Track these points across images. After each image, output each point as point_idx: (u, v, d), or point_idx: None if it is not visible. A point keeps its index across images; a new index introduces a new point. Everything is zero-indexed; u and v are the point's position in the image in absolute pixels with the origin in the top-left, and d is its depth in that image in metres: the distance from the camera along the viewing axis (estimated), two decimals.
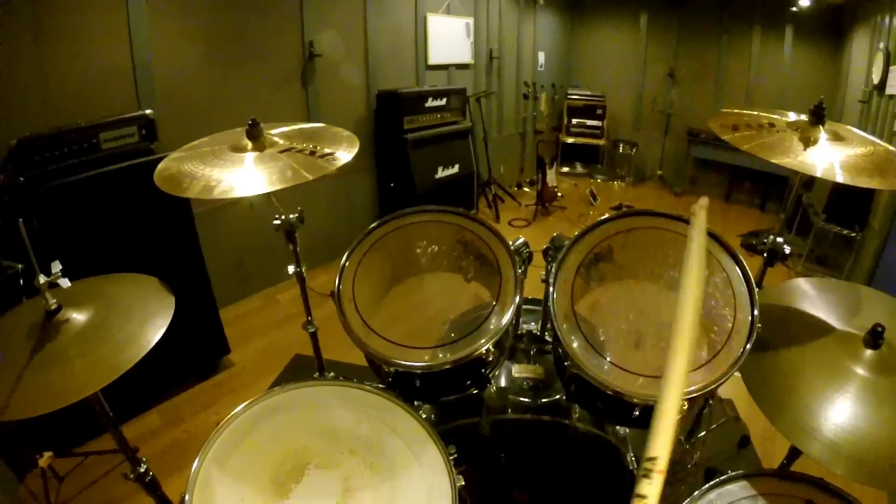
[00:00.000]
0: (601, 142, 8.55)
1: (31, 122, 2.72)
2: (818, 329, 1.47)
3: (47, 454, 2.34)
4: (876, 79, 4.90)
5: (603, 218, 1.59)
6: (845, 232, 4.99)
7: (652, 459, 0.69)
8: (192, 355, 3.28)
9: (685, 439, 2.23)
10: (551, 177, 6.72)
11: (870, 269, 4.58)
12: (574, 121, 8.52)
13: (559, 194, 6.87)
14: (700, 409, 2.19)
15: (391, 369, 1.44)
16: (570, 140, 8.61)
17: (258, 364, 3.55)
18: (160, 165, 1.58)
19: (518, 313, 1.83)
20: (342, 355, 2.80)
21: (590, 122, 8.50)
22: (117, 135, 2.79)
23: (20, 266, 2.18)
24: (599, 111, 8.47)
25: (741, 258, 1.54)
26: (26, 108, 2.84)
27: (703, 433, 2.34)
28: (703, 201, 1.03)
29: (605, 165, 8.80)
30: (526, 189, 7.74)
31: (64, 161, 2.59)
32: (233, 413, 1.28)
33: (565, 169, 8.79)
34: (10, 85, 2.77)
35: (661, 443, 0.71)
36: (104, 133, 2.73)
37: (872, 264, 4.56)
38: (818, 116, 1.61)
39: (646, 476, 0.68)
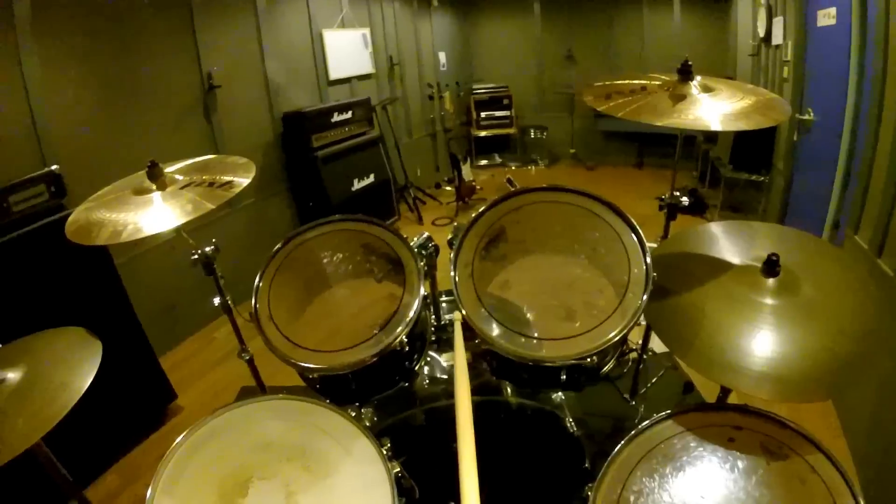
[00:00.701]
0: (511, 130, 8.77)
1: None
2: (718, 267, 1.53)
3: None
4: (762, 32, 5.23)
5: (491, 201, 1.69)
6: (753, 177, 5.31)
7: None
8: (139, 407, 3.23)
9: (630, 396, 2.30)
10: (467, 171, 6.85)
11: (781, 208, 4.89)
12: (483, 114, 8.70)
13: (478, 187, 7.00)
14: (637, 365, 2.26)
15: (315, 375, 1.52)
16: (482, 133, 8.79)
17: (206, 405, 3.51)
18: (70, 218, 1.61)
19: (434, 304, 1.93)
20: (287, 379, 2.84)
21: (498, 114, 8.70)
22: (26, 196, 2.74)
23: None
24: (506, 101, 8.68)
25: (626, 214, 1.64)
26: None
27: (645, 389, 2.40)
28: (457, 315, 1.08)
29: (519, 152, 9.02)
30: (446, 188, 7.86)
31: None
32: (173, 444, 1.34)
33: (483, 162, 8.97)
34: None
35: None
36: (13, 196, 2.68)
37: (783, 202, 4.87)
38: (685, 74, 1.72)
39: None
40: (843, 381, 1.28)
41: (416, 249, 1.65)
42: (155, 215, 1.53)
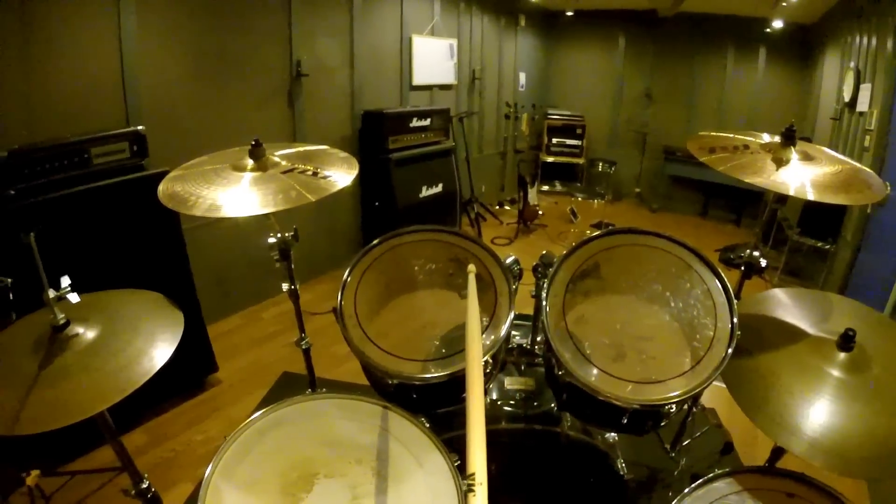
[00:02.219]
0: (580, 160, 8.70)
1: (15, 135, 2.71)
2: (793, 335, 1.56)
3: (35, 472, 2.31)
4: (847, 96, 5.06)
5: (590, 236, 1.66)
6: (819, 244, 5.15)
7: (472, 475, 0.76)
8: (180, 372, 3.24)
9: (671, 447, 2.28)
10: (532, 195, 6.81)
11: (842, 279, 4.73)
12: (554, 140, 8.66)
13: (540, 212, 6.96)
14: (684, 418, 2.23)
15: (394, 381, 1.48)
16: (550, 159, 8.75)
17: (244, 381, 3.55)
18: (163, 183, 1.61)
19: (511, 327, 1.88)
20: (326, 372, 2.82)
21: (569, 142, 8.65)
22: (108, 150, 2.80)
23: (9, 280, 2.17)
24: (579, 130, 8.62)
25: (720, 271, 1.62)
26: (10, 120, 2.82)
27: (687, 441, 2.40)
28: (472, 268, 1.06)
29: (583, 183, 8.93)
30: (507, 207, 7.84)
31: (55, 175, 2.59)
32: (240, 427, 1.31)
33: (545, 187, 8.90)
34: None
35: (477, 459, 0.78)
36: (95, 148, 2.74)
37: (845, 274, 4.71)
38: (789, 138, 1.69)
39: (470, 491, 0.74)
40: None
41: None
42: (254, 196, 1.51)
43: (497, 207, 7.81)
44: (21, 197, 2.47)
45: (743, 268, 1.98)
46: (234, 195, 1.50)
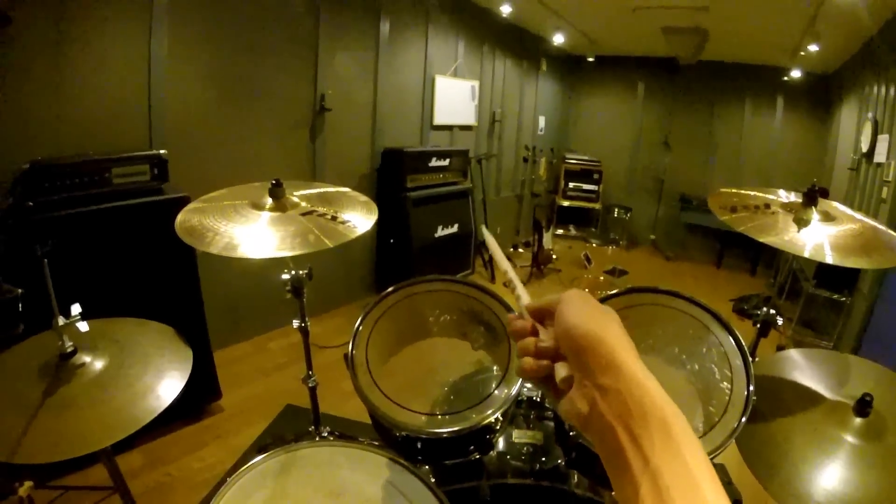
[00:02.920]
0: (596, 205, 8.72)
1: (40, 149, 2.74)
2: (809, 398, 1.53)
3: (28, 483, 2.29)
4: (864, 147, 5.07)
5: (606, 294, 1.63)
6: (835, 296, 5.08)
7: (505, 275, 0.81)
8: (183, 396, 3.24)
9: None
10: (547, 239, 6.80)
11: (858, 332, 4.67)
12: (571, 184, 8.70)
13: (554, 257, 6.94)
14: None
15: (403, 434, 1.46)
16: (566, 203, 8.77)
17: (247, 411, 3.51)
18: (180, 216, 1.62)
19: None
20: (333, 408, 2.80)
21: (586, 186, 8.68)
22: (129, 171, 2.83)
23: (20, 290, 2.18)
24: (596, 175, 8.66)
25: (736, 332, 1.57)
26: (37, 133, 2.85)
27: None
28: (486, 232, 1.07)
29: (598, 229, 8.93)
30: (521, 250, 7.82)
31: (74, 191, 2.62)
32: (243, 468, 1.29)
33: (560, 231, 8.90)
34: (22, 107, 2.78)
35: (504, 265, 0.83)
36: (116, 168, 2.77)
37: (861, 327, 4.65)
38: (811, 198, 1.69)
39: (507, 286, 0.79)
40: None
41: None
42: (272, 238, 1.52)
43: (511, 250, 7.81)
44: (39, 210, 2.49)
45: (759, 325, 1.96)
46: (251, 235, 1.50)
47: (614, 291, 1.65)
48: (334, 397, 2.79)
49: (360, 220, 1.67)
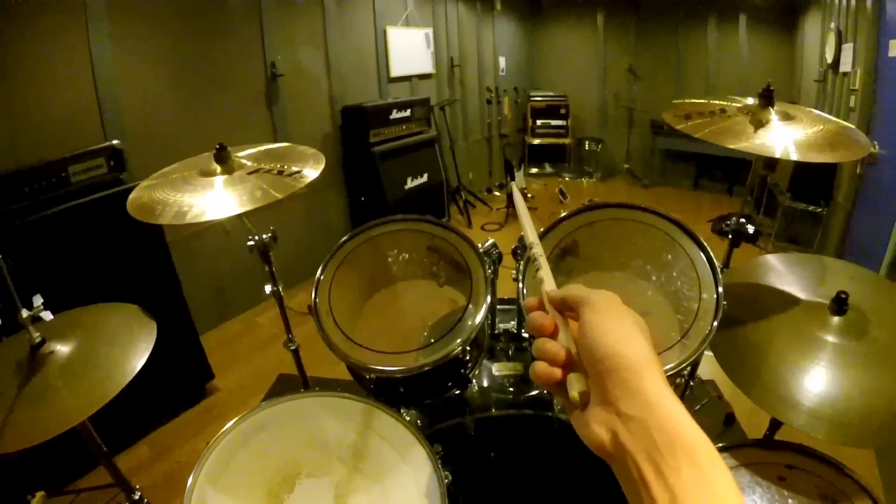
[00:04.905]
0: (567, 141, 8.66)
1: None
2: (786, 301, 1.52)
3: (39, 494, 2.30)
4: (829, 58, 5.04)
5: (564, 214, 1.63)
6: (811, 208, 5.13)
7: (531, 245, 0.77)
8: (177, 383, 3.27)
9: None
10: (520, 179, 6.81)
11: (838, 242, 4.72)
12: (539, 122, 8.63)
13: (529, 195, 6.95)
14: (682, 392, 2.21)
15: (372, 376, 1.47)
16: (537, 141, 8.71)
17: (243, 388, 3.55)
18: (132, 194, 1.60)
19: (492, 312, 1.87)
20: (327, 371, 2.80)
21: (554, 122, 8.61)
22: (86, 167, 2.80)
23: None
24: (563, 111, 8.58)
25: (703, 241, 1.57)
26: None
27: None
28: (512, 185, 1.05)
29: (572, 164, 8.90)
30: (496, 193, 7.82)
31: (36, 197, 2.59)
32: (221, 431, 1.30)
33: (534, 170, 8.87)
34: None
35: (529, 234, 0.79)
36: (73, 166, 2.74)
37: (840, 237, 4.70)
38: (767, 99, 1.66)
39: (534, 261, 0.74)
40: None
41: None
42: (221, 199, 1.51)
43: (486, 193, 7.78)
44: (3, 221, 2.48)
45: (731, 236, 1.96)
46: (200, 200, 1.49)
47: (571, 210, 1.63)
48: (326, 360, 2.79)
49: (308, 170, 1.65)
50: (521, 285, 1.48)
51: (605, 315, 0.57)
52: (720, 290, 1.43)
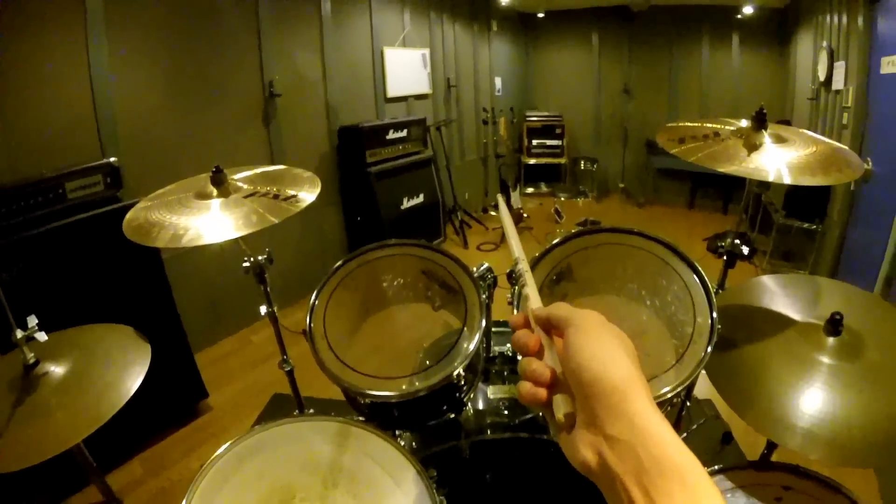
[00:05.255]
0: (562, 160, 8.72)
1: None
2: (780, 322, 1.52)
3: None
4: (822, 76, 5.10)
5: (558, 240, 1.63)
6: (805, 225, 5.15)
7: (516, 260, 0.78)
8: (170, 401, 3.24)
9: None
10: (515, 199, 6.81)
11: (833, 259, 4.75)
12: (534, 142, 8.69)
13: (525, 215, 6.95)
14: (679, 412, 2.21)
15: (367, 401, 1.47)
16: (532, 161, 8.77)
17: (237, 406, 3.53)
18: (128, 216, 1.60)
19: (487, 336, 1.87)
20: (320, 392, 2.80)
21: (549, 142, 8.67)
22: (82, 184, 2.80)
23: None
24: (558, 130, 8.64)
25: (696, 265, 1.57)
26: None
27: (684, 435, 2.36)
28: (499, 197, 1.06)
29: (567, 183, 8.94)
30: (492, 213, 7.84)
31: (31, 213, 2.59)
32: (216, 454, 1.29)
33: (529, 189, 8.91)
34: None
35: (515, 248, 0.80)
36: (69, 183, 2.74)
37: (835, 254, 4.74)
38: (760, 122, 1.67)
39: (520, 276, 0.75)
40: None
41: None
42: (216, 223, 1.52)
43: (482, 213, 7.81)
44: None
45: (725, 257, 1.97)
46: (196, 224, 1.50)
47: (563, 236, 1.63)
48: (321, 381, 2.79)
49: (304, 194, 1.66)
50: (516, 311, 1.48)
51: (589, 336, 0.57)
52: (714, 315, 1.43)
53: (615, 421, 0.51)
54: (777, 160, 1.55)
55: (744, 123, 1.79)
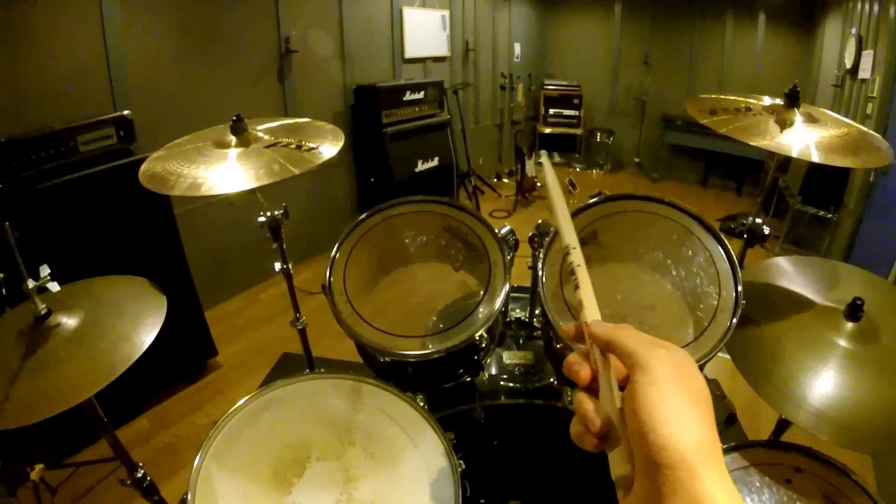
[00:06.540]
0: (578, 131, 8.60)
1: (3, 126, 2.65)
2: (799, 304, 1.51)
3: (38, 466, 2.30)
4: (849, 63, 4.99)
5: (587, 203, 1.60)
6: (821, 213, 5.09)
7: (566, 247, 0.66)
8: (179, 358, 3.24)
9: None
10: (529, 167, 6.74)
11: (845, 248, 4.69)
12: (551, 111, 8.56)
13: (538, 184, 6.89)
14: None
15: (386, 359, 1.45)
16: (548, 130, 8.64)
17: (245, 363, 3.53)
18: (144, 165, 1.56)
19: (508, 299, 1.84)
20: (328, 351, 2.80)
21: (566, 112, 8.54)
22: (95, 137, 2.75)
23: (2, 274, 2.13)
24: (576, 101, 8.51)
25: (723, 237, 1.54)
26: None
27: None
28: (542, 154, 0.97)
29: (582, 154, 8.84)
30: (505, 180, 7.77)
31: (42, 165, 2.55)
32: (231, 409, 1.28)
33: (543, 159, 8.78)
34: None
35: (567, 235, 0.68)
36: (81, 136, 2.69)
37: (848, 243, 4.67)
38: (793, 99, 1.63)
39: (573, 273, 0.64)
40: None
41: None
42: (237, 172, 1.47)
43: (495, 180, 7.74)
44: (9, 189, 2.43)
45: (745, 235, 1.93)
46: (215, 173, 1.45)
47: (593, 200, 1.60)
48: (330, 340, 2.79)
49: (327, 147, 1.61)
50: (540, 274, 1.45)
51: (663, 392, 0.47)
52: (740, 288, 1.41)
53: (679, 501, 0.42)
54: (807, 138, 1.52)
55: (767, 101, 1.77)
